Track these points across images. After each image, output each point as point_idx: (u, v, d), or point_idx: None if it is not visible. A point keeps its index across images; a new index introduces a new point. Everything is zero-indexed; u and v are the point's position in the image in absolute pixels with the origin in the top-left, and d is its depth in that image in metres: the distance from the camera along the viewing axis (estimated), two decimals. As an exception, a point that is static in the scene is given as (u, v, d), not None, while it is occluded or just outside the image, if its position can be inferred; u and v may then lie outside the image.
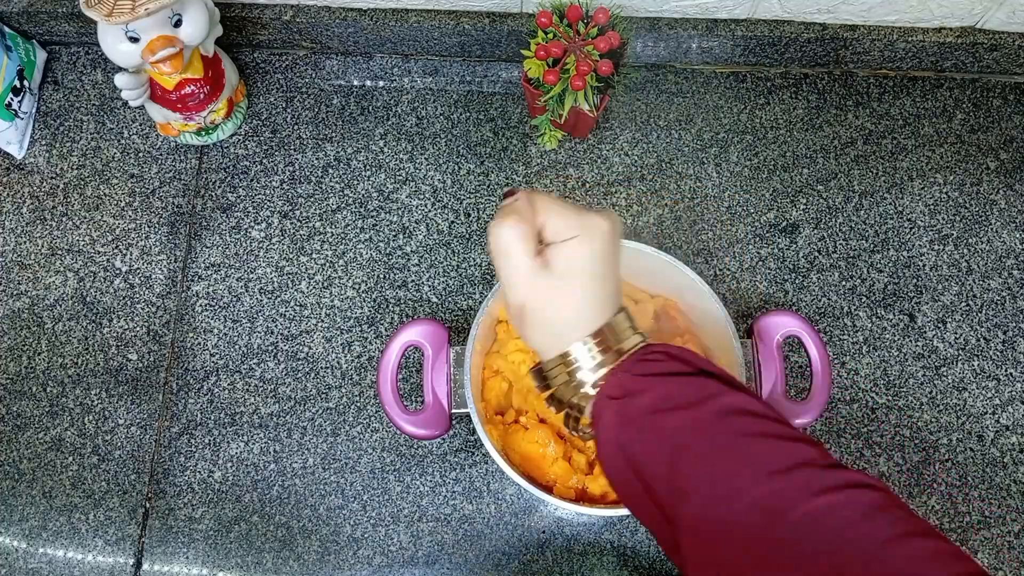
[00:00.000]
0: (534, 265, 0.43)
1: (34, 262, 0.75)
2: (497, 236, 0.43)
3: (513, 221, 0.43)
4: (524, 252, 0.43)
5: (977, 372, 0.71)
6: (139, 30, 0.63)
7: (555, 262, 0.43)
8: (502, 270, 0.44)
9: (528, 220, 0.44)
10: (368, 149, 0.78)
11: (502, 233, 0.43)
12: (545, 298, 0.43)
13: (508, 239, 0.43)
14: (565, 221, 0.43)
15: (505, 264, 0.44)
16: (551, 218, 0.44)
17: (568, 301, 0.43)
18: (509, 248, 0.43)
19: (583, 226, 0.43)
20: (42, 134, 0.79)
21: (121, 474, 0.69)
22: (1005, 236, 0.75)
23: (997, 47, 0.75)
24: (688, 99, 0.79)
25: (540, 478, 0.62)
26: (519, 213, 0.44)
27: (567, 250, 0.43)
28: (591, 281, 0.44)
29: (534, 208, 0.44)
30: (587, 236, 0.43)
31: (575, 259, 0.43)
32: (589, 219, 0.44)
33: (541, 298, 0.43)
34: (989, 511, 0.67)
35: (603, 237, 0.43)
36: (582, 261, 0.43)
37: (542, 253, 0.44)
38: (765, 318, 0.64)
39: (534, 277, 0.43)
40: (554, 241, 0.44)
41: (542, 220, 0.44)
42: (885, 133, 0.78)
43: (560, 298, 0.43)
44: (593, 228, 0.43)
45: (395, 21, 0.75)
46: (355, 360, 0.72)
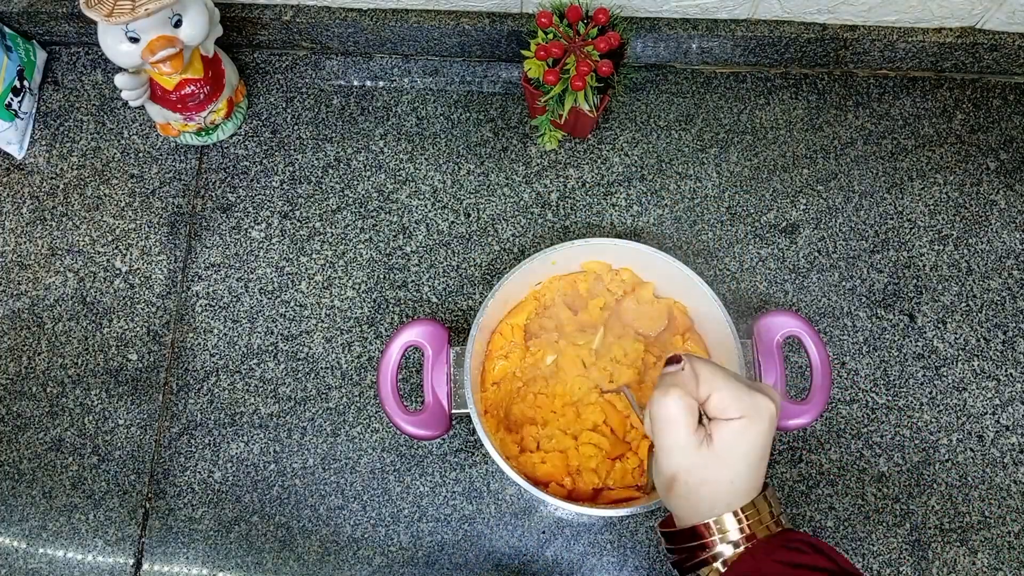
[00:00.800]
0: (695, 439, 0.43)
1: (34, 262, 0.75)
2: (662, 407, 0.43)
3: (679, 394, 0.43)
4: (688, 427, 0.43)
5: (977, 372, 0.71)
6: (139, 30, 0.63)
7: (717, 440, 0.43)
8: (662, 439, 0.44)
9: (692, 392, 0.44)
10: (368, 149, 0.78)
11: (668, 404, 0.43)
12: (700, 474, 0.43)
13: (674, 412, 0.43)
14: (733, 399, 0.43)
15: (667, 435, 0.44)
16: (717, 393, 0.43)
17: (723, 479, 0.43)
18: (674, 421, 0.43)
19: (750, 406, 0.43)
20: (42, 134, 0.79)
21: (121, 474, 0.69)
22: (1005, 236, 0.75)
23: (997, 47, 0.75)
24: (688, 99, 0.79)
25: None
26: (684, 385, 0.44)
27: (732, 430, 0.43)
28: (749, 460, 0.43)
29: (698, 378, 0.44)
30: (754, 418, 0.43)
31: (739, 441, 0.43)
32: (755, 399, 0.43)
33: (696, 473, 0.43)
34: (989, 511, 0.67)
35: (769, 419, 0.43)
36: (746, 443, 0.43)
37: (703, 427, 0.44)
38: (765, 318, 0.64)
39: (693, 452, 0.43)
40: (718, 417, 0.43)
41: (707, 392, 0.44)
42: (885, 133, 0.78)
43: (716, 475, 0.43)
44: (761, 410, 0.43)
45: (395, 21, 0.75)
46: (355, 360, 0.72)
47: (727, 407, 0.43)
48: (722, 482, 0.43)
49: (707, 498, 0.44)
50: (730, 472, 0.43)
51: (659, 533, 0.47)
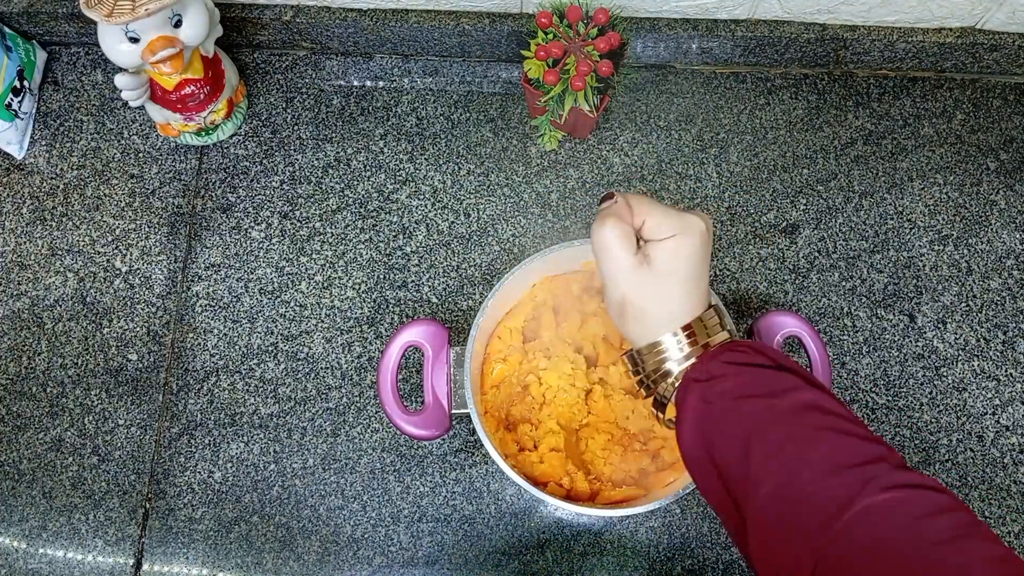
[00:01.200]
0: (634, 262, 0.46)
1: (34, 262, 0.75)
2: (600, 236, 0.46)
3: (614, 221, 0.46)
4: (625, 250, 0.46)
5: (977, 372, 0.71)
6: (139, 30, 0.63)
7: (655, 259, 0.46)
8: (604, 267, 0.47)
9: (627, 220, 0.46)
10: (368, 149, 0.78)
11: (604, 233, 0.46)
12: (644, 293, 0.46)
13: (610, 238, 0.46)
14: (663, 220, 0.46)
15: (607, 262, 0.46)
16: (649, 217, 0.46)
17: (666, 295, 0.46)
18: (611, 247, 0.46)
19: (681, 225, 0.46)
20: (42, 134, 0.79)
21: (121, 474, 0.69)
22: (1005, 236, 0.75)
23: (997, 47, 0.75)
24: (688, 100, 0.79)
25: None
26: (619, 214, 0.46)
27: (666, 247, 0.46)
28: (688, 276, 0.46)
29: (632, 208, 0.47)
30: (685, 234, 0.46)
31: (674, 256, 0.46)
32: (686, 219, 0.46)
33: (640, 293, 0.46)
34: (989, 511, 0.67)
35: (700, 235, 0.46)
36: (680, 257, 0.46)
37: (641, 250, 0.46)
38: (765, 318, 0.64)
39: (634, 273, 0.46)
40: (653, 239, 0.46)
41: (641, 219, 0.46)
42: (885, 133, 0.78)
43: (658, 293, 0.46)
44: (690, 226, 0.46)
45: (395, 21, 0.75)
46: (355, 360, 0.72)
47: (660, 228, 0.46)
48: (665, 299, 0.46)
49: (654, 317, 0.47)
50: (670, 288, 0.46)
51: (623, 360, 0.51)
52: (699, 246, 0.46)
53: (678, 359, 0.46)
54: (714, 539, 0.67)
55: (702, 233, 0.46)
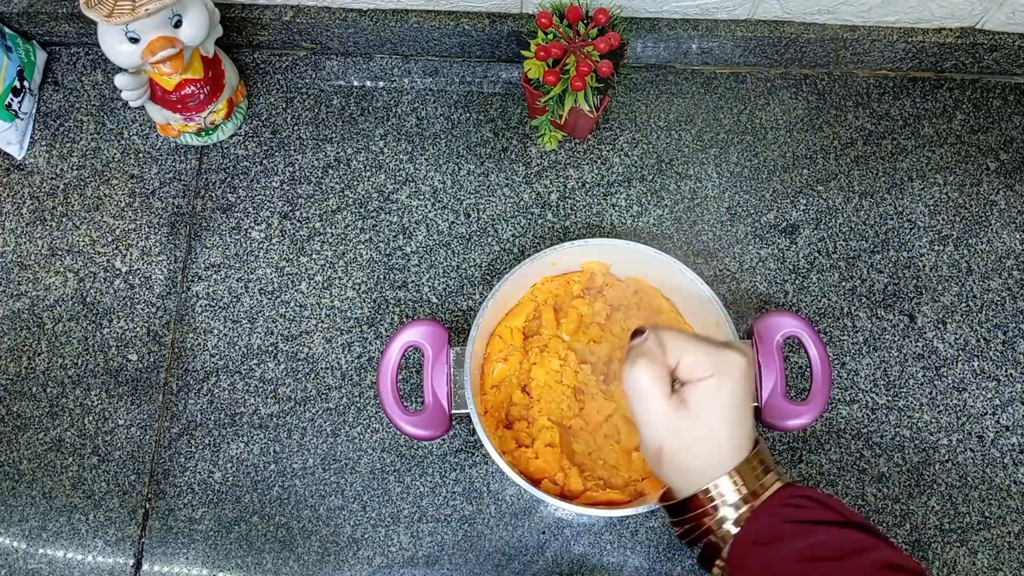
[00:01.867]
0: (671, 406, 0.43)
1: (34, 263, 0.75)
2: (632, 379, 0.43)
3: (646, 364, 0.43)
4: (660, 395, 0.43)
5: (977, 373, 0.71)
6: (139, 31, 0.63)
7: (692, 402, 0.43)
8: (638, 412, 0.44)
9: (660, 360, 0.43)
10: (368, 150, 0.78)
11: (636, 375, 0.43)
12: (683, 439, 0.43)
13: (643, 382, 0.43)
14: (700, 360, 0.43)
15: (641, 406, 0.44)
16: (685, 356, 0.43)
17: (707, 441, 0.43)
18: (644, 391, 0.43)
19: (719, 364, 0.43)
20: (42, 135, 0.79)
21: (121, 475, 0.69)
22: (1005, 237, 0.75)
23: (997, 48, 0.75)
24: (688, 100, 0.79)
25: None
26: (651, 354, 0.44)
27: (703, 389, 0.43)
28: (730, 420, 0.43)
29: (664, 346, 0.44)
30: (723, 375, 0.43)
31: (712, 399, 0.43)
32: (723, 355, 0.43)
33: (679, 440, 0.43)
34: (989, 512, 0.67)
35: (740, 374, 0.43)
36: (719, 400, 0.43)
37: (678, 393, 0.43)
38: (765, 319, 0.64)
39: (671, 417, 0.43)
40: (689, 379, 0.43)
41: (675, 359, 0.44)
42: (885, 134, 0.78)
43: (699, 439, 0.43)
44: (729, 365, 0.43)
45: (395, 22, 0.75)
46: (355, 361, 0.72)
47: (696, 368, 0.43)
48: (706, 445, 0.43)
49: (697, 464, 0.44)
50: (711, 433, 0.43)
51: (662, 508, 0.47)
52: (740, 385, 0.43)
53: (732, 504, 0.43)
54: (714, 539, 0.67)
55: (743, 370, 0.43)
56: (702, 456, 0.43)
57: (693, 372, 0.43)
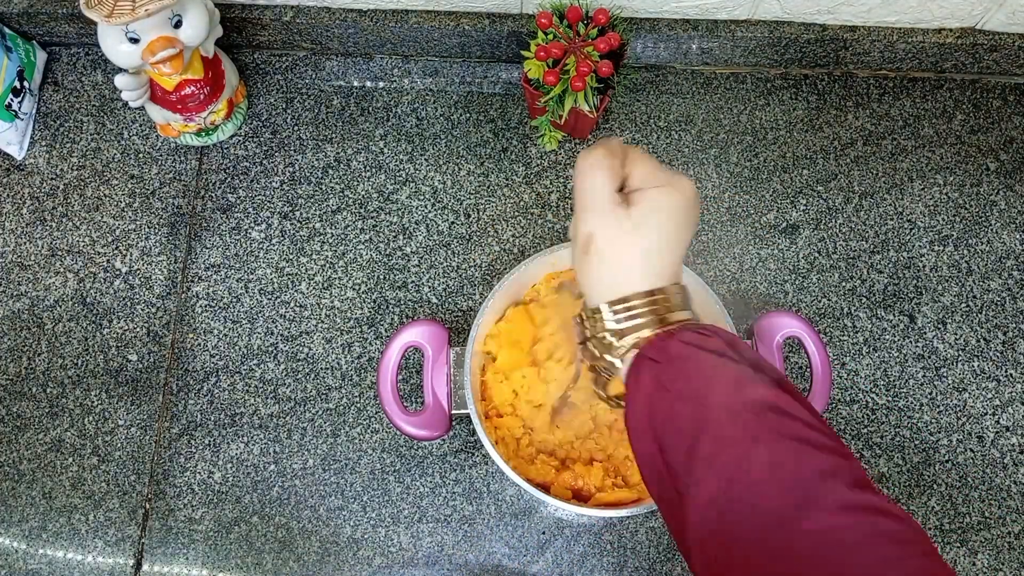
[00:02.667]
0: (614, 198, 0.42)
1: (34, 263, 0.75)
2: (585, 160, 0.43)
3: (603, 152, 0.43)
4: (607, 183, 0.42)
5: (977, 373, 0.71)
6: (139, 31, 0.63)
7: (637, 204, 0.42)
8: (581, 196, 0.43)
9: (619, 159, 0.43)
10: (368, 150, 0.78)
11: (590, 159, 0.42)
12: (615, 235, 0.42)
13: (595, 166, 0.42)
14: (653, 171, 0.43)
15: (586, 190, 0.43)
16: (639, 167, 0.43)
17: (638, 246, 0.42)
18: (594, 175, 0.42)
19: (670, 180, 0.43)
20: (42, 135, 0.79)
21: (121, 475, 0.69)
22: (1005, 237, 0.75)
23: (997, 48, 0.75)
24: (688, 100, 0.79)
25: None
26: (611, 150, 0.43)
27: (650, 195, 0.42)
28: (665, 233, 0.42)
29: (625, 153, 0.44)
30: (673, 188, 0.42)
31: (655, 206, 0.42)
32: (676, 176, 0.43)
33: (612, 235, 0.42)
34: (989, 512, 0.67)
35: (686, 194, 0.43)
36: (661, 210, 0.42)
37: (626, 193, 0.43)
38: (765, 319, 0.64)
39: (610, 210, 0.42)
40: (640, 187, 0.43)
41: (631, 167, 0.43)
42: (885, 134, 0.78)
43: (631, 241, 0.42)
44: (680, 184, 0.43)
45: (395, 22, 0.75)
46: (355, 361, 0.72)
47: (648, 178, 0.43)
48: (635, 251, 0.42)
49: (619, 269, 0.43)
50: (645, 241, 0.42)
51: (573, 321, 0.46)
52: (684, 205, 0.42)
53: (632, 327, 0.42)
54: (714, 540, 0.67)
55: (690, 192, 0.43)
56: (626, 261, 0.43)
57: (645, 181, 0.43)
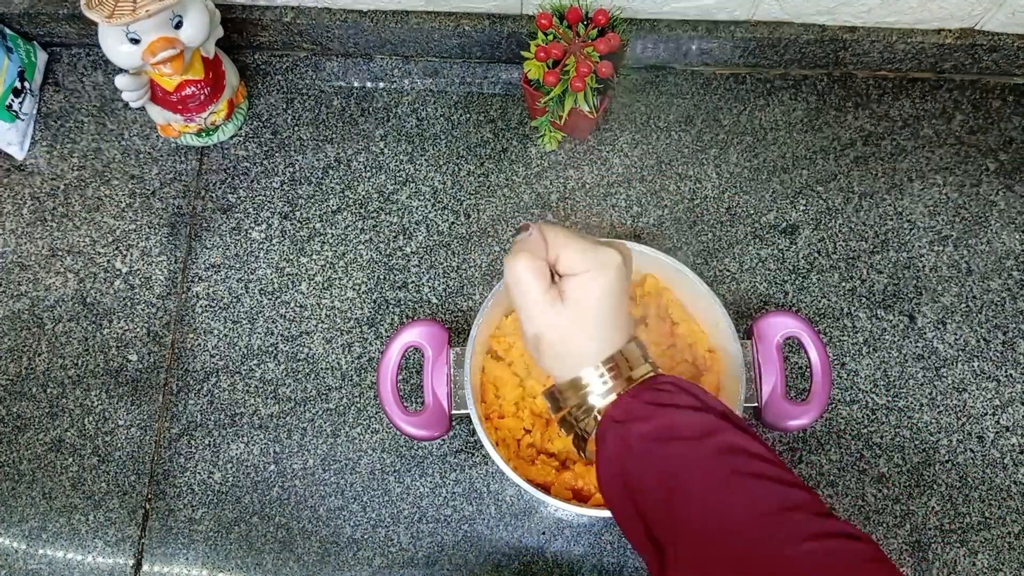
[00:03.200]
0: (548, 298, 0.45)
1: (34, 263, 0.75)
2: (512, 271, 0.45)
3: (527, 257, 0.45)
4: (538, 287, 0.45)
5: (977, 373, 0.71)
6: (140, 31, 0.63)
7: (568, 295, 0.45)
8: (518, 302, 0.46)
9: (541, 255, 0.46)
10: (368, 150, 0.78)
11: (516, 268, 0.45)
12: (559, 329, 0.45)
13: (522, 273, 0.45)
14: (577, 255, 0.45)
15: (521, 297, 0.46)
16: (564, 252, 0.45)
17: (581, 332, 0.45)
18: (523, 282, 0.45)
19: (595, 260, 0.45)
20: (43, 135, 0.79)
21: (121, 475, 0.69)
22: (1005, 237, 0.75)
23: (997, 48, 0.75)
24: (688, 100, 0.79)
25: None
26: (532, 249, 0.46)
27: (579, 283, 0.45)
28: (603, 312, 0.45)
29: (547, 241, 0.46)
30: (598, 271, 0.45)
31: (587, 292, 0.45)
32: (601, 253, 0.45)
33: (555, 329, 0.45)
34: (989, 512, 0.67)
35: (615, 270, 0.45)
36: (594, 294, 0.45)
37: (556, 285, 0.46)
38: (765, 319, 0.64)
39: (548, 309, 0.45)
40: (567, 274, 0.45)
41: (555, 254, 0.46)
42: (885, 134, 0.78)
43: (573, 329, 0.45)
44: (605, 262, 0.45)
45: (395, 23, 0.76)
46: (355, 361, 0.72)
47: (573, 264, 0.45)
48: (581, 336, 0.45)
49: (572, 354, 0.46)
50: (585, 325, 0.45)
51: (544, 397, 0.50)
52: (613, 282, 0.45)
53: (600, 393, 0.45)
54: (714, 540, 0.67)
55: (617, 267, 0.45)
56: (576, 345, 0.46)
57: (571, 267, 0.45)
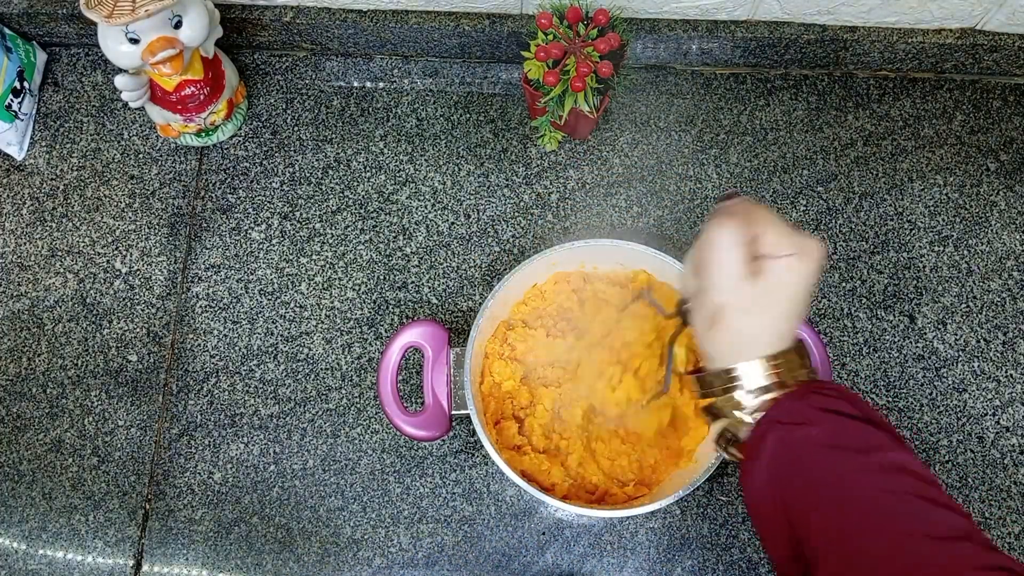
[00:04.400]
0: (745, 271, 0.43)
1: (34, 263, 0.75)
2: (716, 234, 0.43)
3: (736, 223, 0.43)
4: (739, 256, 0.43)
5: (977, 373, 0.71)
6: (139, 31, 0.63)
7: (767, 277, 0.43)
8: (712, 269, 0.44)
9: (747, 227, 0.44)
10: (368, 150, 0.78)
11: (723, 232, 0.43)
12: (745, 307, 0.43)
13: (727, 241, 0.43)
14: (785, 238, 0.43)
15: (717, 264, 0.44)
16: (770, 230, 0.44)
17: (767, 315, 0.44)
18: (725, 249, 0.43)
19: (801, 245, 0.43)
20: (42, 135, 0.79)
21: (121, 475, 0.69)
22: (1005, 237, 0.75)
23: (997, 48, 0.75)
24: (688, 100, 0.79)
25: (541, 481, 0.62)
26: (740, 217, 0.44)
27: (783, 266, 0.43)
28: (795, 301, 0.44)
29: (751, 215, 0.44)
30: (803, 256, 0.43)
31: (789, 277, 0.43)
32: (806, 240, 0.44)
33: (742, 306, 0.43)
34: (989, 512, 0.67)
35: (816, 262, 0.44)
36: (793, 280, 0.43)
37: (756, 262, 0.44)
38: (765, 319, 0.64)
39: (743, 283, 0.43)
40: (770, 254, 0.44)
41: (759, 231, 0.44)
42: (885, 134, 0.78)
43: (760, 310, 0.43)
44: (810, 249, 0.43)
45: (395, 23, 0.75)
46: (355, 361, 0.72)
47: (779, 244, 0.43)
48: (767, 317, 0.43)
49: (748, 334, 0.44)
50: (774, 310, 0.43)
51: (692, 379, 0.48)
52: (812, 272, 0.43)
53: (756, 390, 0.44)
54: (714, 539, 0.67)
55: (819, 259, 0.43)
56: (754, 328, 0.44)
57: (776, 248, 0.43)
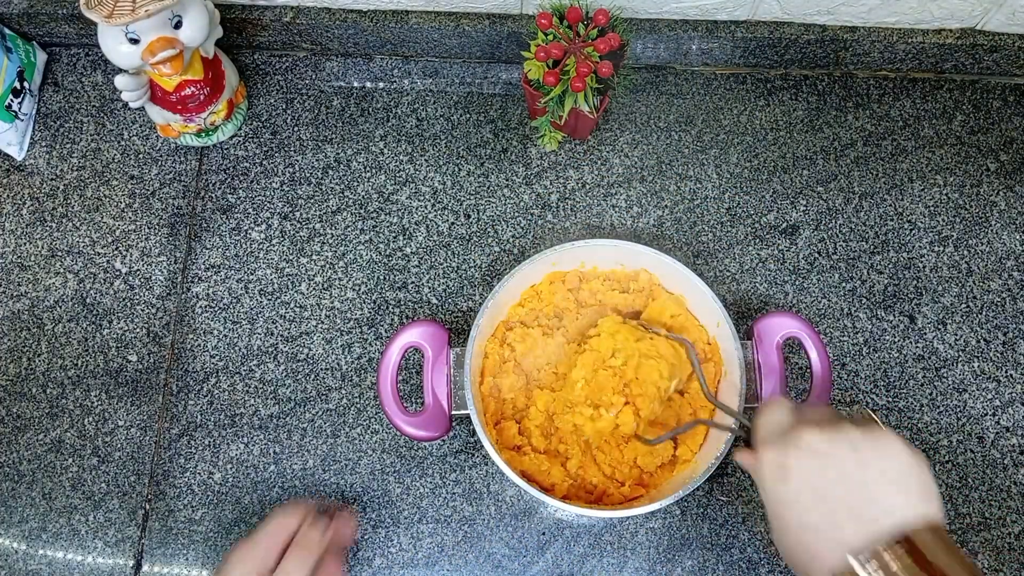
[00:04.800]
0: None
1: (34, 263, 0.75)
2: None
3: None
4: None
5: (977, 373, 0.71)
6: (139, 31, 0.63)
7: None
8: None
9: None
10: (368, 151, 0.78)
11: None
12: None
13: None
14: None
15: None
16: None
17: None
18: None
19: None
20: (42, 136, 0.79)
21: (121, 476, 0.69)
22: (1005, 237, 0.75)
23: (997, 48, 0.75)
24: (688, 100, 0.79)
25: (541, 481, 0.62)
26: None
27: None
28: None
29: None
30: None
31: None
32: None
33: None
34: (989, 512, 0.67)
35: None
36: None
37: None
38: (765, 319, 0.64)
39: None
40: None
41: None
42: (885, 135, 0.78)
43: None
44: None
45: (395, 23, 0.75)
46: (355, 361, 0.72)
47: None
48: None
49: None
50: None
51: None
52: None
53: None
54: (714, 540, 0.67)
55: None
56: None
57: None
